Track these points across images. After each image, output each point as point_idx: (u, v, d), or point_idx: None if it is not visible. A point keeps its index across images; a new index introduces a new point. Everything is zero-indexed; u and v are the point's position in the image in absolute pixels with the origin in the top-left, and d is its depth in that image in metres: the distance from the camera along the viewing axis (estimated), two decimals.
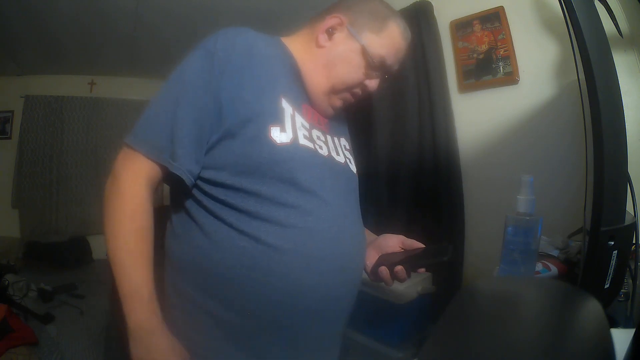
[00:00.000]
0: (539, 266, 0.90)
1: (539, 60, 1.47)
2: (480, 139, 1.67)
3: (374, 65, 0.69)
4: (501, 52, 1.58)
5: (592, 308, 0.35)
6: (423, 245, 0.74)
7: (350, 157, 0.79)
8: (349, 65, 0.69)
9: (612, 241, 0.56)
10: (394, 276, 0.70)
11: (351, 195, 0.74)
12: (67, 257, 3.03)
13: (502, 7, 1.57)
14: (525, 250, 0.67)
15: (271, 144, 0.61)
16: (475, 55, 1.66)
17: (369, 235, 0.81)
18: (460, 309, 0.39)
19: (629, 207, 0.64)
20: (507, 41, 1.56)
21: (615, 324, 0.61)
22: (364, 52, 0.68)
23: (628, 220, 0.59)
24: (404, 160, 1.86)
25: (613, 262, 0.57)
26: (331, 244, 0.64)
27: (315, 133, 0.70)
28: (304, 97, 0.71)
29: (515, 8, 1.54)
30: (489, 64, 1.61)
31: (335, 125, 0.79)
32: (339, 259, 0.65)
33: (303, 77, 0.71)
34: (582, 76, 0.59)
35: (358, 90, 0.72)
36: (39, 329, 1.87)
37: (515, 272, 0.67)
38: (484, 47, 1.63)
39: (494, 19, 1.59)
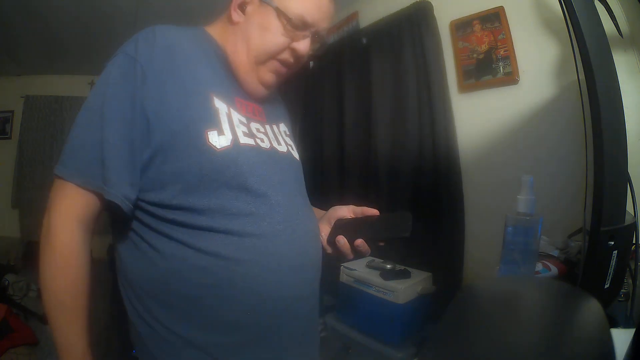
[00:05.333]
0: (539, 266, 0.90)
1: (539, 60, 1.46)
2: (480, 139, 1.66)
3: (293, 24, 0.64)
4: (501, 52, 1.58)
5: (592, 308, 0.35)
6: (376, 211, 0.72)
7: (292, 143, 0.77)
8: (266, 32, 0.64)
9: (612, 241, 0.56)
10: (355, 249, 0.68)
11: (298, 184, 0.73)
12: None
13: (502, 7, 1.57)
14: (525, 250, 0.67)
15: (211, 150, 0.57)
16: (475, 55, 1.66)
17: (319, 212, 0.80)
18: (461, 309, 0.39)
19: (629, 207, 0.64)
20: (507, 41, 1.56)
21: (615, 324, 0.61)
22: (280, 14, 0.64)
23: (628, 220, 0.59)
24: (403, 159, 1.86)
25: (613, 262, 0.57)
26: (288, 246, 0.62)
27: (254, 126, 0.67)
28: (235, 88, 0.67)
29: (515, 8, 1.54)
30: (489, 64, 1.61)
31: (272, 111, 0.76)
32: (298, 259, 0.64)
33: (229, 62, 0.67)
34: (582, 76, 0.59)
35: (287, 57, 0.66)
36: (39, 329, 1.87)
37: (515, 272, 0.67)
38: (484, 47, 1.63)
39: (494, 19, 1.59)
